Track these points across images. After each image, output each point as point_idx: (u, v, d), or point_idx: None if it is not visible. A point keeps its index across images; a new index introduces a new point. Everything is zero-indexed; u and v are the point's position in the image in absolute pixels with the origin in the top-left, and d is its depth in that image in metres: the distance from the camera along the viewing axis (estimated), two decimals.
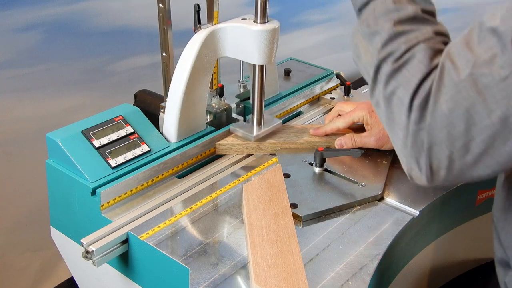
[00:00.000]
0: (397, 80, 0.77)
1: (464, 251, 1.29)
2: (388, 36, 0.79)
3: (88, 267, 0.95)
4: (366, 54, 0.82)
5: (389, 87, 0.77)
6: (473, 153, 0.72)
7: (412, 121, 0.75)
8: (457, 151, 0.73)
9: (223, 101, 1.24)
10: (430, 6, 0.83)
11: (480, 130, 0.70)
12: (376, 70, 0.79)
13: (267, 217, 0.95)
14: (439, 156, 0.74)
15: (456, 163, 0.74)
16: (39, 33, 1.40)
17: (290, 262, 0.85)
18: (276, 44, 1.09)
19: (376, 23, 0.81)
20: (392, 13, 0.80)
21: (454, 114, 0.71)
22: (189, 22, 1.13)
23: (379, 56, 0.79)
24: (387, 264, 0.96)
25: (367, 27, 0.81)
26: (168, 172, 1.08)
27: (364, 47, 0.82)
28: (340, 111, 1.22)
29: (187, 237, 0.94)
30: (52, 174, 1.05)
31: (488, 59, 0.69)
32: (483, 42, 0.71)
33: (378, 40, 0.80)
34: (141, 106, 1.17)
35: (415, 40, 0.78)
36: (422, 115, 0.74)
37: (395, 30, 0.78)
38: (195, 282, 0.84)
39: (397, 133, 0.78)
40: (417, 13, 0.80)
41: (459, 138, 0.72)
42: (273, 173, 1.07)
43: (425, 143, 0.74)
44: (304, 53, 1.96)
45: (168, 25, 1.10)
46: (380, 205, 1.03)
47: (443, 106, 0.72)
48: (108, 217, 0.97)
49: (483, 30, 0.71)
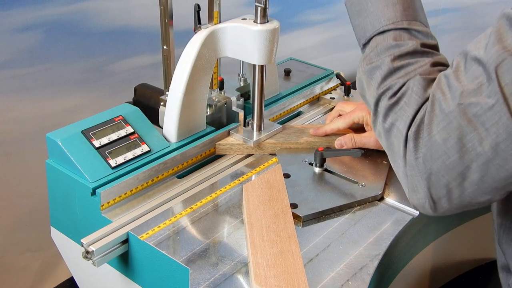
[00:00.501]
0: (395, 113, 0.79)
1: (464, 251, 1.29)
2: (388, 71, 0.82)
3: (88, 267, 0.95)
4: (368, 88, 0.85)
5: (388, 120, 0.80)
6: (469, 181, 0.73)
7: (409, 151, 0.77)
8: (454, 179, 0.74)
9: (223, 94, 1.24)
10: (431, 41, 0.85)
11: (474, 158, 0.72)
12: (376, 103, 0.82)
13: (267, 217, 0.95)
14: (437, 185, 0.76)
15: (455, 191, 0.75)
16: (39, 33, 1.40)
17: (290, 262, 0.85)
18: (276, 44, 1.09)
19: (378, 58, 0.84)
20: (393, 49, 0.83)
21: (447, 144, 0.73)
22: (189, 22, 1.13)
23: (378, 91, 0.82)
24: (387, 264, 0.96)
25: (369, 63, 0.84)
26: (168, 172, 1.08)
27: (367, 81, 0.85)
28: (340, 111, 1.22)
29: (187, 237, 0.94)
30: (52, 174, 1.05)
31: (475, 88, 0.71)
32: (469, 71, 0.72)
33: (378, 75, 0.82)
34: (140, 100, 1.17)
35: (413, 73, 0.80)
36: (417, 145, 0.76)
37: (394, 65, 0.81)
38: (195, 282, 0.84)
39: (398, 163, 0.80)
40: (416, 48, 0.83)
41: (454, 167, 0.73)
42: (273, 173, 1.07)
43: (423, 173, 0.76)
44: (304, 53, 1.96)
45: (169, 18, 1.10)
46: (380, 205, 1.03)
47: (436, 136, 0.74)
48: (108, 217, 0.97)
49: (468, 60, 0.74)
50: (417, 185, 0.77)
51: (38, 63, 1.42)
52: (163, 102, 1.14)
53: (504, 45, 0.69)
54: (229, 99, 1.23)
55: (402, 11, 0.85)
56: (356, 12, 0.89)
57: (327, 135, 1.18)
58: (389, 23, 0.84)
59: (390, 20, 0.84)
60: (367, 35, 0.87)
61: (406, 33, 0.84)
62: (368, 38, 0.87)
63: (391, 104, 0.80)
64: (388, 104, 0.80)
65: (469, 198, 0.75)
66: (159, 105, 1.15)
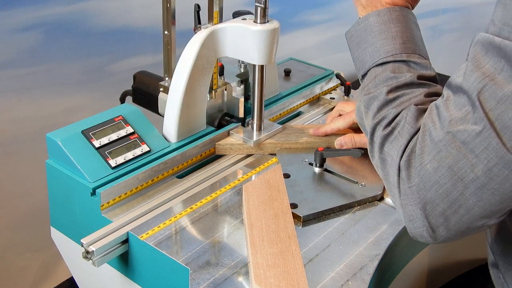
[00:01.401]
0: (389, 142, 0.80)
1: (464, 251, 1.29)
2: (383, 102, 0.82)
3: (88, 267, 0.95)
4: (366, 118, 0.86)
5: (383, 149, 0.81)
6: (465, 207, 0.73)
7: (402, 181, 0.77)
8: (449, 207, 0.74)
9: (223, 80, 1.24)
10: (429, 72, 0.86)
11: (467, 185, 0.72)
12: (372, 133, 0.83)
13: (267, 217, 0.95)
14: (433, 214, 0.76)
15: (452, 218, 0.75)
16: (39, 33, 1.40)
17: (290, 262, 0.85)
18: (276, 44, 1.09)
19: (375, 89, 0.84)
20: (391, 80, 0.83)
21: (438, 172, 0.73)
22: (189, 22, 1.13)
23: (373, 121, 0.83)
24: (387, 264, 0.96)
25: (368, 93, 0.85)
26: (168, 172, 1.08)
27: (365, 111, 0.86)
28: (340, 111, 1.22)
29: (187, 237, 0.94)
30: (52, 174, 1.05)
31: (461, 116, 0.71)
32: (456, 100, 0.73)
33: (375, 105, 0.83)
34: (140, 87, 1.16)
35: (407, 103, 0.81)
36: (409, 174, 0.76)
37: (389, 96, 0.82)
38: (195, 282, 0.84)
39: (393, 193, 0.80)
40: (413, 80, 0.83)
41: (448, 195, 0.73)
42: (273, 173, 1.07)
43: (418, 202, 0.76)
44: (304, 53, 1.96)
45: (170, 2, 1.10)
46: (380, 205, 1.03)
47: (428, 166, 0.74)
48: (108, 217, 0.97)
49: (453, 89, 0.74)
50: (413, 215, 0.77)
51: (38, 63, 1.42)
52: (163, 88, 1.13)
53: (482, 71, 0.69)
54: (229, 85, 1.23)
55: (401, 44, 0.85)
56: (356, 44, 0.90)
57: (327, 135, 1.18)
58: (388, 55, 0.85)
59: (389, 52, 0.85)
60: (366, 66, 0.88)
61: (404, 65, 0.84)
62: (367, 69, 0.87)
63: (385, 135, 0.80)
64: (383, 134, 0.81)
65: (466, 224, 0.75)
66: (159, 91, 1.15)
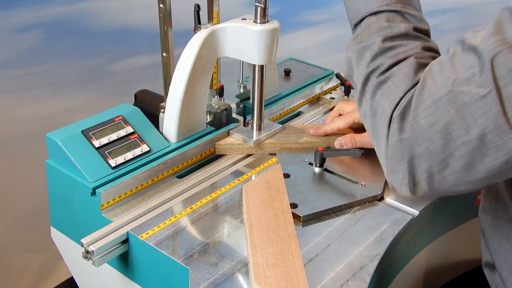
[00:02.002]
0: (382, 92, 0.79)
1: (464, 251, 1.29)
2: (378, 50, 0.82)
3: (88, 267, 0.95)
4: (357, 68, 0.85)
5: (375, 98, 0.80)
6: (452, 168, 0.73)
7: (392, 132, 0.77)
8: (436, 165, 0.74)
9: (223, 101, 1.24)
10: (424, 25, 0.85)
11: (458, 146, 0.72)
12: (365, 82, 0.82)
13: (267, 217, 0.95)
14: (418, 169, 0.76)
15: (436, 177, 0.75)
16: (39, 33, 1.40)
17: (290, 262, 0.85)
18: (276, 44, 1.09)
19: (369, 38, 0.83)
20: (385, 30, 0.83)
21: (432, 129, 0.73)
22: (189, 22, 1.13)
23: (367, 69, 0.82)
24: (387, 264, 0.96)
25: (360, 42, 0.84)
26: (168, 172, 1.08)
27: (356, 61, 0.85)
28: (341, 111, 1.22)
29: (187, 237, 0.94)
30: (52, 174, 1.05)
31: (467, 77, 0.70)
32: (464, 60, 0.72)
33: (368, 54, 0.82)
34: (141, 106, 1.17)
35: (403, 55, 0.80)
36: (402, 127, 0.76)
37: (384, 45, 0.81)
38: (195, 282, 0.84)
39: (380, 144, 0.80)
40: (408, 31, 0.83)
41: (438, 153, 0.73)
42: (273, 173, 1.07)
43: (405, 156, 0.76)
44: (304, 53, 1.96)
45: (168, 25, 1.11)
46: (380, 205, 1.03)
47: (422, 121, 0.74)
48: (108, 217, 0.97)
49: (465, 48, 0.73)
50: (397, 167, 0.77)
51: (38, 63, 1.42)
52: (163, 109, 1.14)
53: (503, 36, 0.68)
54: (229, 106, 1.23)
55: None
56: None
57: (327, 135, 1.18)
58: (383, 5, 0.84)
59: (383, 1, 0.85)
60: (359, 15, 0.87)
61: (399, 16, 0.84)
62: (361, 18, 0.86)
63: (379, 82, 0.79)
64: (377, 82, 0.80)
65: (449, 185, 0.75)
66: (159, 111, 1.15)
